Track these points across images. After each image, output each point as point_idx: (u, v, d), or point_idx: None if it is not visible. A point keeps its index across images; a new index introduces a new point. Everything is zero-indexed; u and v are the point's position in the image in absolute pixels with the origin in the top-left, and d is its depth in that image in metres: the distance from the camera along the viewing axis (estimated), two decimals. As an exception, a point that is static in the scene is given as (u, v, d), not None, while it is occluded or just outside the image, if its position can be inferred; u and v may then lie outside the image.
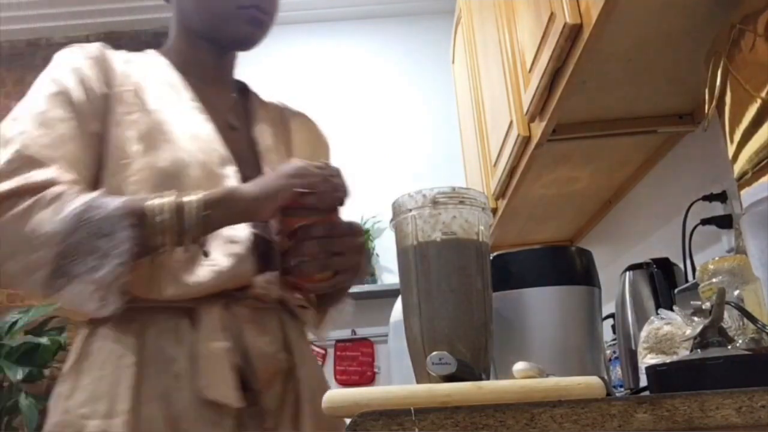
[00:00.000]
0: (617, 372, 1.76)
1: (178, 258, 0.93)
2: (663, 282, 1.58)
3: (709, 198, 1.61)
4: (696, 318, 0.75)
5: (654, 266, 1.61)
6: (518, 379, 0.65)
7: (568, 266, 0.95)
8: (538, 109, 1.62)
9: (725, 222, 1.55)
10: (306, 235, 0.94)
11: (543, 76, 1.48)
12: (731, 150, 1.11)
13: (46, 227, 0.85)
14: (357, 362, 3.41)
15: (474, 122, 2.61)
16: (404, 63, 3.82)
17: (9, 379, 3.14)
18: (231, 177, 1.01)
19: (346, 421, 0.54)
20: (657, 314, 1.14)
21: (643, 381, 1.05)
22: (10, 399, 3.18)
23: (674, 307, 1.12)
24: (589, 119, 1.72)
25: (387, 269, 3.41)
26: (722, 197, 1.59)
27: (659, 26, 1.28)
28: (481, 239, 0.79)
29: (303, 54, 3.79)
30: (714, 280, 0.88)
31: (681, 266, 1.61)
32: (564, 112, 1.57)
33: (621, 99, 1.61)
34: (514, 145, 1.87)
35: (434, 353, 0.67)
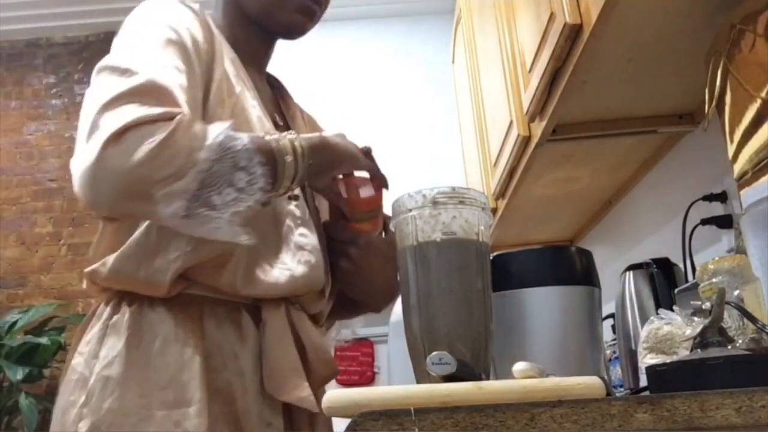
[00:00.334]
0: (617, 372, 1.76)
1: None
2: (663, 282, 1.58)
3: (709, 198, 1.61)
4: (696, 318, 0.75)
5: (654, 266, 1.61)
6: (518, 379, 0.65)
7: (568, 266, 0.95)
8: (538, 109, 1.62)
9: (725, 222, 1.55)
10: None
11: (543, 76, 1.48)
12: (731, 150, 1.11)
13: (195, 154, 0.78)
14: (357, 362, 3.41)
15: (474, 122, 2.61)
16: (404, 63, 3.82)
17: (9, 379, 3.15)
18: None
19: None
20: (657, 314, 1.14)
21: (643, 381, 1.05)
22: (10, 399, 3.19)
23: (674, 307, 1.12)
24: (589, 119, 1.72)
25: (387, 269, 3.41)
26: (722, 197, 1.59)
27: (659, 26, 1.28)
28: (481, 239, 0.79)
29: (302, 54, 3.79)
30: (714, 280, 0.88)
31: (681, 266, 1.61)
32: (564, 112, 1.57)
33: (621, 99, 1.61)
34: (514, 145, 1.87)
35: (434, 353, 0.67)
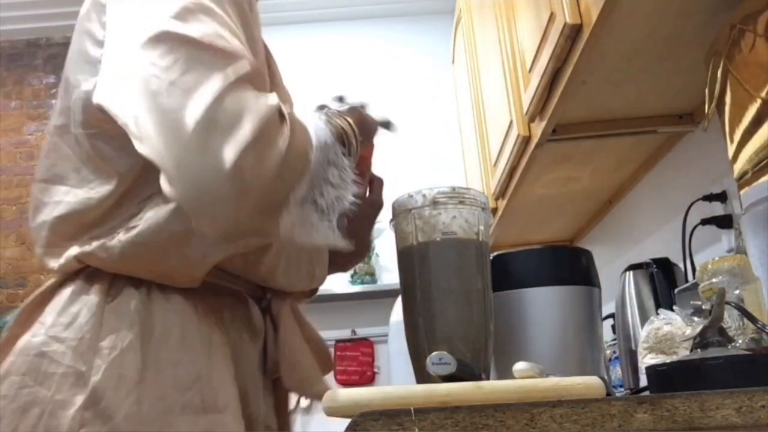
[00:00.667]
0: (617, 372, 1.76)
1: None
2: (663, 282, 1.58)
3: (709, 198, 1.61)
4: (696, 318, 0.75)
5: (654, 266, 1.61)
6: (518, 379, 0.65)
7: (568, 266, 0.95)
8: (538, 109, 1.62)
9: (725, 222, 1.55)
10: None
11: (543, 76, 1.48)
12: (731, 150, 1.11)
13: (309, 154, 0.72)
14: (357, 362, 3.41)
15: (474, 122, 2.61)
16: (404, 63, 3.82)
17: None
18: None
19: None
20: (657, 314, 1.14)
21: (643, 381, 1.05)
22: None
23: (674, 307, 1.13)
24: (589, 119, 1.72)
25: (387, 269, 3.41)
26: (722, 197, 1.59)
27: (659, 26, 1.28)
28: (481, 239, 0.79)
29: (302, 54, 3.79)
30: (714, 280, 0.88)
31: (681, 266, 1.61)
32: (564, 112, 1.57)
33: (621, 99, 1.61)
34: (514, 145, 1.87)
35: (434, 353, 0.67)
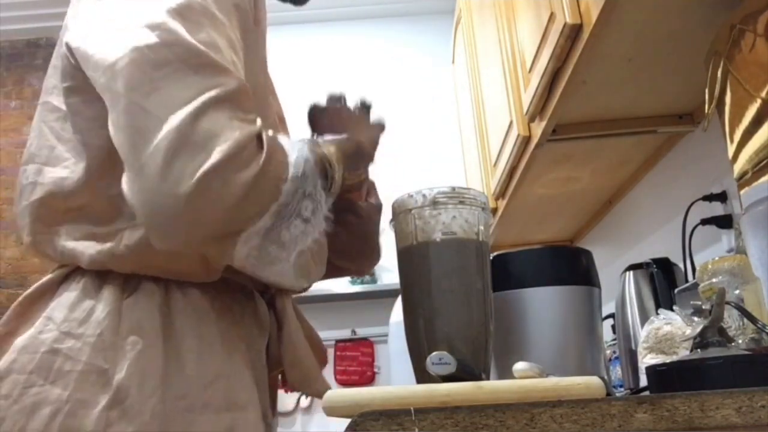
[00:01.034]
0: (617, 372, 1.76)
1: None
2: (663, 282, 1.58)
3: (709, 198, 1.61)
4: (696, 318, 0.75)
5: (654, 266, 1.61)
6: (518, 379, 0.65)
7: (568, 266, 0.95)
8: (538, 109, 1.62)
9: (725, 222, 1.55)
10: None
11: (543, 76, 1.48)
12: (731, 150, 1.11)
13: (280, 186, 0.68)
14: (357, 362, 3.41)
15: (474, 122, 2.61)
16: (404, 63, 3.82)
17: None
18: None
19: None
20: (657, 314, 1.14)
21: (643, 381, 1.05)
22: (10, 399, 3.18)
23: (674, 307, 1.13)
24: (589, 119, 1.72)
25: (387, 269, 3.41)
26: (722, 197, 1.59)
27: (659, 26, 1.28)
28: (481, 239, 0.79)
29: (302, 54, 3.79)
30: (714, 280, 0.88)
31: (681, 266, 1.61)
32: (564, 112, 1.57)
33: (621, 99, 1.61)
34: (514, 145, 1.87)
35: (434, 353, 0.67)
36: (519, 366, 0.67)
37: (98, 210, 0.76)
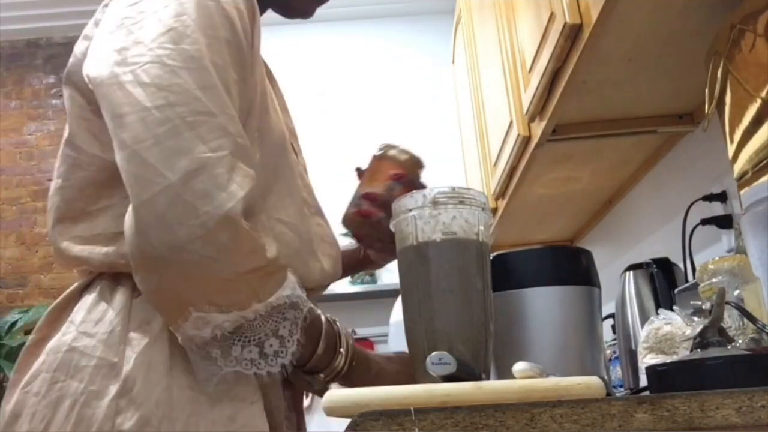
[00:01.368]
0: (617, 372, 1.76)
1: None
2: (663, 282, 1.58)
3: (709, 198, 1.61)
4: (696, 318, 0.75)
5: (654, 266, 1.61)
6: (518, 379, 0.65)
7: (568, 266, 0.95)
8: (538, 109, 1.62)
9: (725, 222, 1.55)
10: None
11: (543, 76, 1.48)
12: (731, 150, 1.11)
13: (252, 302, 0.71)
14: (357, 362, 3.41)
15: (474, 122, 2.61)
16: (404, 63, 3.82)
17: (9, 379, 3.14)
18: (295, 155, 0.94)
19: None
20: (657, 314, 1.14)
21: (643, 381, 1.05)
22: (10, 399, 3.18)
23: (674, 307, 1.13)
24: (589, 119, 1.72)
25: (387, 269, 3.40)
26: (722, 197, 1.59)
27: (659, 26, 1.28)
28: (481, 239, 0.79)
29: (302, 54, 3.79)
30: (714, 280, 0.88)
31: (681, 266, 1.61)
32: (564, 112, 1.57)
33: (621, 99, 1.61)
34: (514, 145, 1.87)
35: (434, 353, 0.67)
36: (519, 366, 0.67)
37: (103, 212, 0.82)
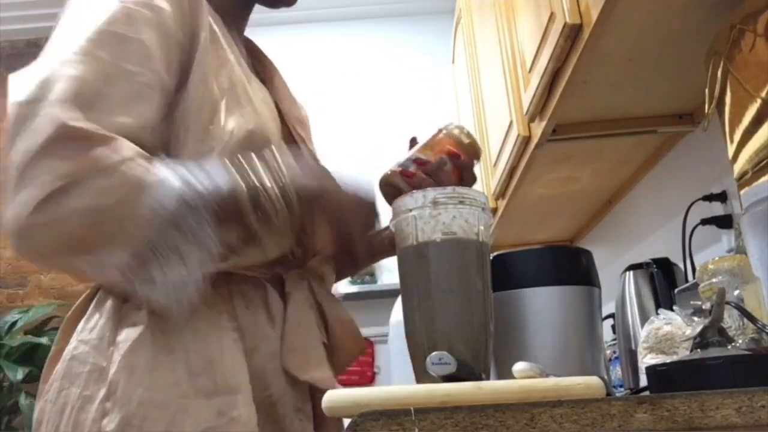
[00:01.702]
0: (617, 372, 1.76)
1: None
2: (663, 282, 1.58)
3: (709, 198, 1.61)
4: (696, 318, 0.75)
5: (654, 266, 1.61)
6: (518, 379, 0.65)
7: (568, 266, 0.95)
8: (538, 109, 1.62)
9: (725, 222, 1.55)
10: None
11: (543, 76, 1.48)
12: (731, 150, 1.11)
13: (127, 222, 0.70)
14: (357, 362, 3.41)
15: (474, 122, 2.61)
16: (404, 63, 3.82)
17: (9, 379, 3.15)
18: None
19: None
20: (657, 314, 1.14)
21: (643, 381, 1.05)
22: (10, 399, 3.19)
23: (674, 307, 1.13)
24: (589, 119, 1.72)
25: (387, 269, 3.39)
26: (722, 197, 1.59)
27: (659, 26, 1.28)
28: (481, 239, 0.79)
29: (302, 54, 3.79)
30: (714, 280, 0.88)
31: (681, 266, 1.61)
32: (564, 112, 1.57)
33: (621, 99, 1.61)
34: (514, 145, 1.87)
35: (434, 353, 0.67)
36: (519, 366, 0.67)
37: None
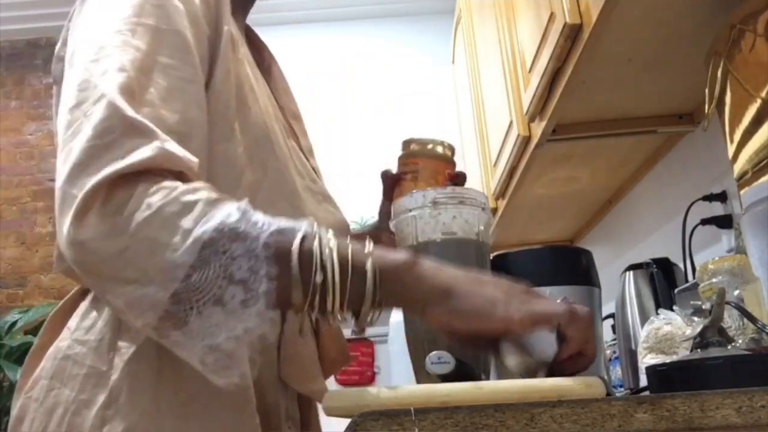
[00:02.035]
0: (617, 372, 1.76)
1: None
2: (663, 282, 1.58)
3: (709, 198, 1.61)
4: (696, 318, 0.75)
5: (654, 266, 1.61)
6: (518, 379, 0.65)
7: (568, 266, 0.95)
8: (538, 109, 1.62)
9: (725, 222, 1.55)
10: None
11: (543, 76, 1.48)
12: (731, 150, 1.11)
13: (167, 253, 0.60)
14: (357, 362, 3.41)
15: (474, 122, 2.61)
16: (404, 63, 3.82)
17: (9, 379, 3.15)
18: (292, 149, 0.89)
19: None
20: (657, 314, 1.14)
21: (643, 381, 1.05)
22: (10, 399, 3.18)
23: (674, 307, 1.13)
24: (589, 119, 1.72)
25: (387, 269, 3.40)
26: (722, 197, 1.59)
27: (659, 26, 1.28)
28: (481, 239, 0.79)
29: (302, 54, 3.79)
30: (714, 280, 0.88)
31: (681, 266, 1.61)
32: (564, 112, 1.57)
33: (621, 99, 1.61)
34: (514, 145, 1.87)
35: (433, 353, 0.67)
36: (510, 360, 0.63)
37: None
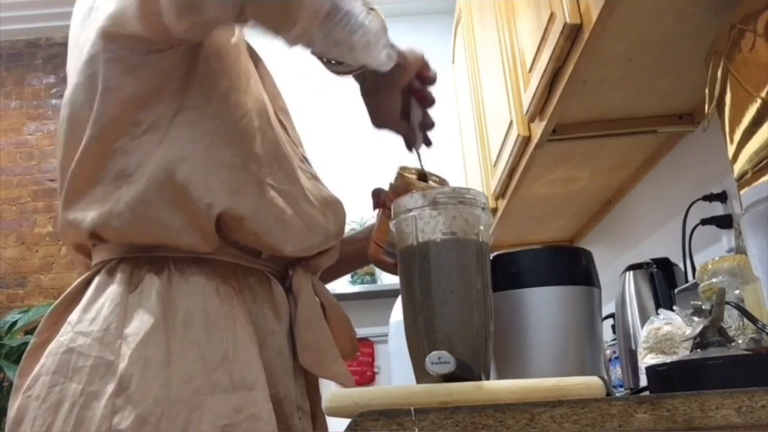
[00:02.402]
0: (617, 372, 1.76)
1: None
2: (663, 282, 1.58)
3: (709, 198, 1.61)
4: (696, 318, 0.75)
5: (654, 266, 1.61)
6: (518, 379, 0.65)
7: (568, 266, 0.95)
8: (538, 109, 1.62)
9: (725, 222, 1.55)
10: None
11: (543, 76, 1.48)
12: (731, 150, 1.11)
13: None
14: (357, 362, 3.41)
15: (474, 122, 2.61)
16: (404, 63, 3.82)
17: (9, 379, 3.15)
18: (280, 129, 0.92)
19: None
20: (657, 314, 1.14)
21: (643, 381, 1.05)
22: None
23: (674, 307, 1.12)
24: (589, 119, 1.72)
25: (387, 269, 3.41)
26: (722, 197, 1.59)
27: (659, 26, 1.28)
28: (481, 239, 0.79)
29: (302, 54, 3.79)
30: (714, 280, 0.88)
31: (681, 266, 1.61)
32: (564, 112, 1.57)
33: (621, 99, 1.61)
34: (514, 145, 1.87)
35: (433, 352, 0.67)
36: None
37: (99, 170, 0.79)
